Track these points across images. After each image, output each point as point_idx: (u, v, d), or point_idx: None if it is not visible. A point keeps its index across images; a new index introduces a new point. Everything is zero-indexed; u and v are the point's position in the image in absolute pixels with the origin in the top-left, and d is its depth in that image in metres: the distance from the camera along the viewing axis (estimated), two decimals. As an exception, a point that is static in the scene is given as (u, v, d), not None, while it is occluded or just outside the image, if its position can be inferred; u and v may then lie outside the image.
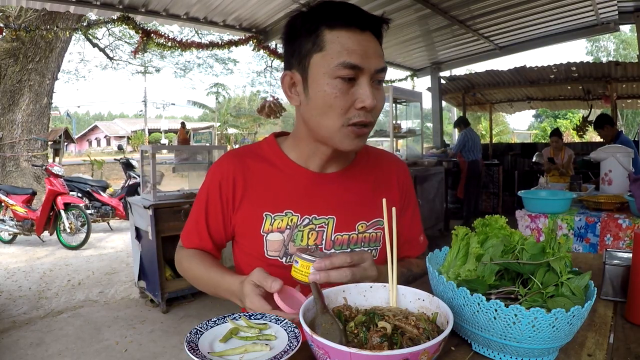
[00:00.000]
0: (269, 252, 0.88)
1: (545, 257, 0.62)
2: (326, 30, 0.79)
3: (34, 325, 3.12)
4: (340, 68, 0.77)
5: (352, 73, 0.77)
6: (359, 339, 0.53)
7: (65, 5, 3.88)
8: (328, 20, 0.79)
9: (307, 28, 0.80)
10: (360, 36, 0.79)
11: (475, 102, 9.04)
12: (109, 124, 40.99)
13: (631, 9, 4.89)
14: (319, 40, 0.79)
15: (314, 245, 0.89)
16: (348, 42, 0.78)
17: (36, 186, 7.99)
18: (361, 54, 0.77)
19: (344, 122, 0.80)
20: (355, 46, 0.78)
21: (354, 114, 0.79)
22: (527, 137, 22.55)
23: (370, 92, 0.78)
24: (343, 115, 0.80)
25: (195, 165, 4.02)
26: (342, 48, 0.78)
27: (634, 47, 17.90)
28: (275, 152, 0.94)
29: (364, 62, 0.77)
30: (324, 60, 0.79)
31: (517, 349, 0.55)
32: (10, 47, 8.33)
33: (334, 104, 0.79)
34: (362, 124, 0.80)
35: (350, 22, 0.78)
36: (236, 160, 0.93)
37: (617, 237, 2.19)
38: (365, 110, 0.79)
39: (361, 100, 0.78)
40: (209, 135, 4.88)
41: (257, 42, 5.23)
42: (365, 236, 0.92)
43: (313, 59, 0.80)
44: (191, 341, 0.56)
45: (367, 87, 0.78)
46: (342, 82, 0.78)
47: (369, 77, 0.79)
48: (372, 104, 0.78)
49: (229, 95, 26.47)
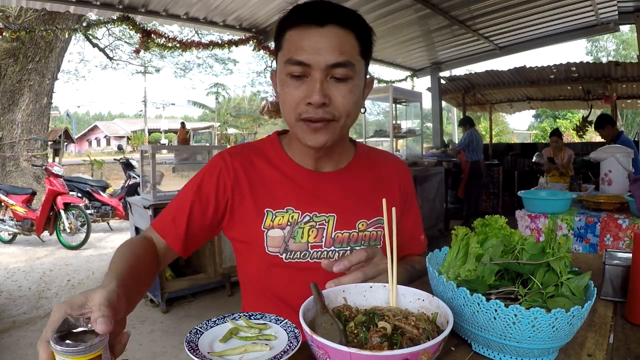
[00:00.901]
0: (270, 248, 0.88)
1: (545, 257, 0.62)
2: (287, 31, 0.81)
3: (34, 325, 3.12)
4: (288, 65, 0.79)
5: (299, 69, 0.78)
6: (359, 339, 0.53)
7: (65, 5, 3.88)
8: (290, 20, 0.81)
9: (278, 30, 0.84)
10: (315, 31, 0.78)
11: (475, 102, 9.04)
12: (109, 124, 41.00)
13: (631, 9, 4.89)
14: (281, 41, 0.83)
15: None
16: (297, 38, 0.79)
17: (36, 186, 7.99)
18: (310, 50, 0.77)
19: (297, 117, 0.82)
20: (305, 42, 0.78)
21: (303, 109, 0.80)
22: (527, 137, 22.56)
23: (317, 88, 0.77)
24: (294, 110, 0.81)
25: (195, 165, 4.02)
26: (292, 45, 0.79)
27: (634, 47, 17.90)
28: (277, 150, 0.95)
29: (312, 58, 0.77)
30: (280, 59, 0.82)
31: (517, 349, 0.55)
32: (10, 47, 8.33)
33: (287, 100, 0.82)
34: (311, 120, 0.80)
35: (307, 19, 0.78)
36: (239, 155, 0.93)
37: (617, 237, 2.19)
38: (312, 106, 0.79)
39: (308, 96, 0.79)
40: (209, 135, 4.89)
41: (257, 42, 5.23)
42: (365, 234, 0.92)
43: (279, 59, 0.84)
44: (191, 341, 0.56)
45: (315, 83, 0.78)
46: (292, 78, 0.80)
47: (320, 73, 0.78)
48: (317, 100, 0.77)
49: (229, 95, 26.49)
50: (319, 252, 0.89)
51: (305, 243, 0.88)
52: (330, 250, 0.89)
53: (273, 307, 0.88)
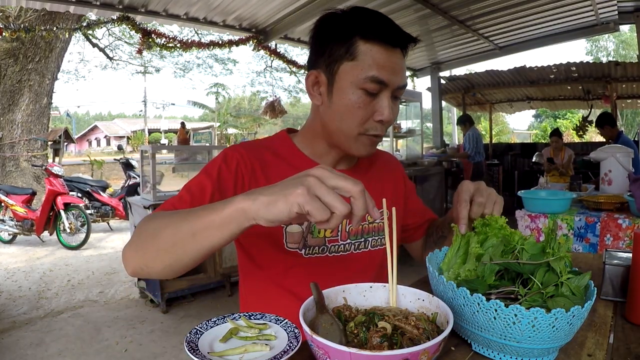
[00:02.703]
0: (289, 244, 0.87)
1: (545, 257, 0.62)
2: (360, 41, 0.80)
3: (34, 325, 3.12)
4: (368, 81, 0.80)
5: (377, 87, 0.81)
6: (359, 339, 0.53)
7: (65, 5, 3.88)
8: (363, 30, 0.80)
9: (341, 34, 0.82)
10: (390, 52, 0.81)
11: (475, 102, 9.05)
12: (109, 124, 41.00)
13: (631, 9, 4.89)
14: (352, 49, 0.81)
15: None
16: (380, 57, 0.80)
17: (36, 186, 7.99)
18: (389, 71, 0.80)
19: (361, 132, 0.84)
20: (386, 62, 0.80)
21: (371, 126, 0.84)
22: (527, 137, 22.56)
23: (389, 107, 0.82)
24: (361, 125, 0.84)
25: (195, 165, 4.02)
26: (373, 62, 0.80)
27: (634, 47, 17.90)
28: (291, 148, 0.94)
29: (390, 79, 0.81)
30: (353, 70, 0.81)
31: (517, 349, 0.55)
32: (10, 47, 8.33)
33: (355, 114, 0.83)
34: (378, 137, 0.86)
35: (384, 37, 0.80)
36: (253, 149, 0.91)
37: (617, 237, 2.19)
38: (382, 123, 0.84)
39: (380, 113, 0.82)
40: (209, 135, 4.88)
41: (257, 42, 5.23)
42: (374, 226, 0.96)
43: (343, 66, 0.82)
44: (191, 341, 0.56)
45: (387, 101, 0.82)
46: (366, 94, 0.81)
47: (390, 93, 0.82)
48: (390, 118, 0.83)
49: (229, 95, 26.47)
50: (336, 246, 0.91)
51: (323, 238, 0.90)
52: (346, 244, 0.92)
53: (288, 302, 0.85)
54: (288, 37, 5.46)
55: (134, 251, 0.68)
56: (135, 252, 0.68)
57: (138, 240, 0.68)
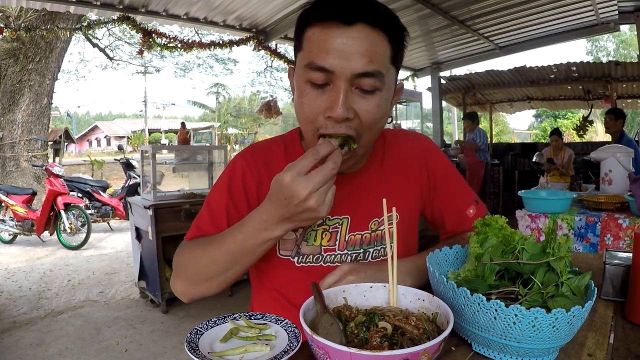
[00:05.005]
0: (281, 251, 0.85)
1: (545, 257, 0.62)
2: (307, 27, 0.69)
3: (34, 325, 3.12)
4: (308, 71, 0.68)
5: (321, 77, 0.67)
6: (359, 339, 0.53)
7: (65, 5, 3.89)
8: (311, 15, 0.69)
9: (297, 25, 0.73)
10: (341, 31, 0.65)
11: (475, 102, 9.04)
12: (109, 124, 41.04)
13: (631, 9, 4.89)
14: (300, 38, 0.71)
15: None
16: (321, 39, 0.66)
17: (36, 186, 7.99)
18: (335, 54, 0.65)
19: (313, 131, 0.71)
20: (329, 44, 0.65)
21: (322, 124, 0.69)
22: (527, 137, 22.55)
23: (341, 100, 0.66)
24: (312, 124, 0.71)
25: (195, 165, 4.03)
26: (313, 47, 0.67)
27: (634, 47, 17.90)
28: (296, 150, 0.89)
29: (337, 64, 0.65)
30: (300, 60, 0.71)
31: (517, 349, 0.55)
32: (11, 47, 8.34)
33: (303, 111, 0.71)
34: (331, 136, 0.69)
35: (332, 14, 0.65)
36: (262, 152, 0.89)
37: (617, 237, 2.19)
38: (333, 121, 0.68)
39: (329, 108, 0.67)
40: (209, 135, 4.90)
41: (257, 42, 5.23)
42: (377, 234, 0.87)
43: (297, 58, 0.73)
44: (191, 341, 0.56)
45: (338, 93, 0.66)
46: (312, 86, 0.69)
47: (345, 83, 0.66)
48: (339, 114, 0.66)
49: (229, 95, 26.50)
50: (332, 256, 0.85)
51: (319, 246, 0.84)
52: (343, 254, 0.85)
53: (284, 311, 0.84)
54: (288, 37, 5.46)
55: (186, 288, 0.81)
56: (187, 288, 0.81)
57: (186, 274, 0.80)
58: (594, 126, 14.88)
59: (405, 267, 0.80)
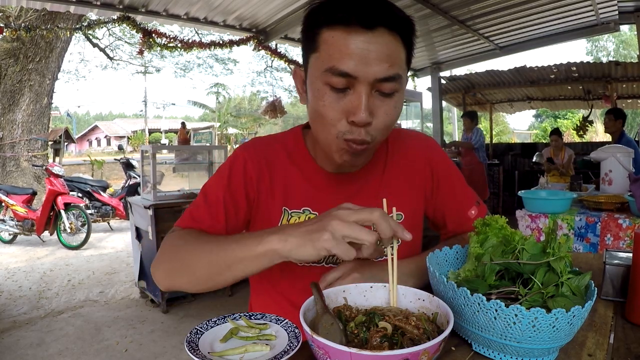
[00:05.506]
0: None
1: (545, 257, 0.62)
2: (324, 28, 0.68)
3: (34, 325, 3.12)
4: (329, 75, 0.67)
5: (343, 82, 0.66)
6: (359, 339, 0.53)
7: (65, 5, 3.89)
8: (328, 15, 0.67)
9: (308, 23, 0.71)
10: (362, 36, 0.65)
11: (475, 102, 9.04)
12: (109, 124, 41.03)
13: (631, 9, 4.89)
14: (315, 39, 0.69)
15: None
16: (342, 43, 0.65)
17: (36, 186, 8.00)
18: (357, 60, 0.65)
19: (337, 135, 0.71)
20: (351, 49, 0.65)
21: (346, 129, 0.69)
22: (527, 137, 22.56)
23: (364, 106, 0.66)
24: (334, 127, 0.70)
25: (195, 165, 4.03)
26: (334, 51, 0.66)
27: (634, 47, 17.89)
28: (300, 147, 0.88)
29: (359, 70, 0.65)
30: (316, 62, 0.69)
31: (518, 349, 0.55)
32: (11, 47, 8.34)
33: (323, 113, 0.70)
34: (355, 142, 0.70)
35: (351, 19, 0.64)
36: (263, 147, 0.88)
37: (617, 237, 2.19)
38: (356, 125, 0.69)
39: (352, 113, 0.67)
40: (209, 135, 4.90)
41: (258, 42, 5.23)
42: None
43: (310, 60, 0.71)
44: (191, 341, 0.56)
45: (361, 99, 0.66)
46: (332, 90, 0.68)
47: (367, 87, 0.66)
48: (363, 119, 0.67)
49: (229, 95, 26.51)
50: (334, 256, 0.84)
51: None
52: None
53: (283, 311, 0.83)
54: (288, 37, 5.46)
55: (166, 275, 0.75)
56: (167, 276, 0.75)
57: (168, 264, 0.75)
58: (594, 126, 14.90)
59: (407, 268, 0.79)
